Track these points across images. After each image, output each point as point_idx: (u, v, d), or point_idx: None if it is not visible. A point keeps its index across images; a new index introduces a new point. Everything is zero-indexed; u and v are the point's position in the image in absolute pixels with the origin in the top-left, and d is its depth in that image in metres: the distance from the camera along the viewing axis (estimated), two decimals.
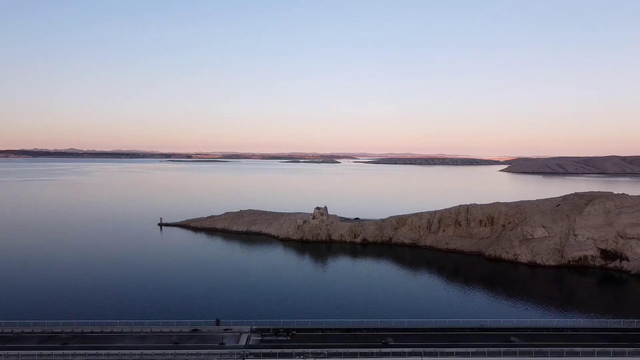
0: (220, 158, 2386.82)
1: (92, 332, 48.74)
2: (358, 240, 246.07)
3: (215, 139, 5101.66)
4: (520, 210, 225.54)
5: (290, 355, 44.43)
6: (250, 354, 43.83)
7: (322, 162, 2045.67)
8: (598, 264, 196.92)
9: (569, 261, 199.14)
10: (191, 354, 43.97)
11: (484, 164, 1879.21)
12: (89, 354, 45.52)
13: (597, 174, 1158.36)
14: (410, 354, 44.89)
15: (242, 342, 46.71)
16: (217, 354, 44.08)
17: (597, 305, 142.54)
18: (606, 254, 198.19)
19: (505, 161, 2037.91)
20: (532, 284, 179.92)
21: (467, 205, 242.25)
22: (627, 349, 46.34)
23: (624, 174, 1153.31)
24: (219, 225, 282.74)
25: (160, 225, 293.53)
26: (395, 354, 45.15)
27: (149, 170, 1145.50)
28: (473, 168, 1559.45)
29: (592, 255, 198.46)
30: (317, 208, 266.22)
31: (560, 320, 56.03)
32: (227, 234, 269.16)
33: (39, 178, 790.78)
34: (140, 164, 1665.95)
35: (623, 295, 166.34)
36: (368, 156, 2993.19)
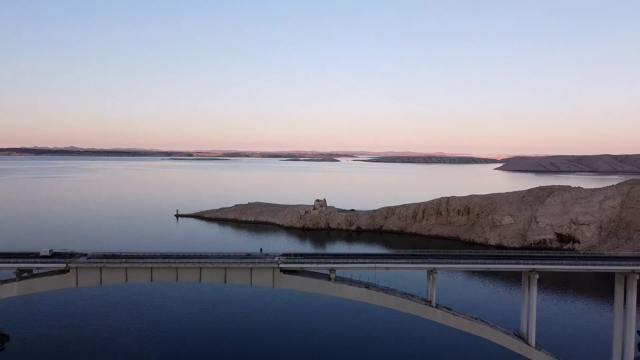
0: (220, 156, 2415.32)
1: (190, 254, 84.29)
2: (353, 228, 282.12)
3: (215, 137, 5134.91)
4: (491, 201, 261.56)
5: (303, 262, 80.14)
6: (281, 261, 79.49)
7: (322, 160, 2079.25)
8: (554, 246, 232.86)
9: (530, 243, 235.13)
10: (250, 261, 79.29)
11: (482, 163, 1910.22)
12: (195, 262, 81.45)
13: (589, 172, 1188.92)
14: (369, 262, 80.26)
15: (276, 258, 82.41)
16: (263, 261, 79.61)
17: (552, 278, 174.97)
18: (561, 238, 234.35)
19: (502, 160, 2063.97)
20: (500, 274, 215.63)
21: (447, 198, 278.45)
22: (488, 260, 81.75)
23: (614, 172, 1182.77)
24: (230, 216, 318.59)
25: (177, 216, 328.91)
26: (361, 262, 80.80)
27: (154, 168, 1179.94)
28: (470, 166, 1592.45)
29: (549, 239, 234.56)
30: (317, 200, 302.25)
31: (463, 251, 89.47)
32: (238, 223, 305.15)
33: (50, 175, 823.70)
34: (142, 162, 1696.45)
35: (576, 275, 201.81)
36: (367, 154, 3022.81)
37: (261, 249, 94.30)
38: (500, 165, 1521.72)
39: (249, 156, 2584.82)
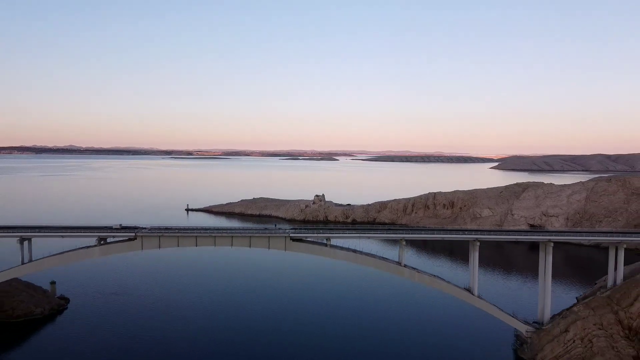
0: (220, 155, 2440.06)
1: (224, 228, 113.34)
2: (349, 220, 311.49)
3: (214, 136, 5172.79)
4: (473, 196, 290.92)
5: (307, 233, 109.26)
6: (291, 232, 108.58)
7: (321, 159, 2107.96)
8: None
9: None
10: (268, 232, 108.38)
11: (479, 162, 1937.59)
12: (228, 232, 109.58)
13: (581, 171, 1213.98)
14: (355, 233, 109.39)
15: (287, 230, 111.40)
16: (277, 232, 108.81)
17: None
18: (533, 228, 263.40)
19: (499, 159, 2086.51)
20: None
21: (434, 193, 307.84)
22: (442, 232, 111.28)
23: (606, 171, 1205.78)
24: (237, 210, 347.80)
25: (187, 210, 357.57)
26: (350, 233, 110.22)
27: (157, 167, 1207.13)
28: (467, 165, 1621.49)
29: (523, 229, 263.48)
30: (317, 195, 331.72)
31: (425, 226, 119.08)
32: (243, 217, 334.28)
33: (57, 174, 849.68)
34: (144, 160, 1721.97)
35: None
36: (366, 154, 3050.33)
37: (275, 224, 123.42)
38: (496, 164, 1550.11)
39: (248, 155, 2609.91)
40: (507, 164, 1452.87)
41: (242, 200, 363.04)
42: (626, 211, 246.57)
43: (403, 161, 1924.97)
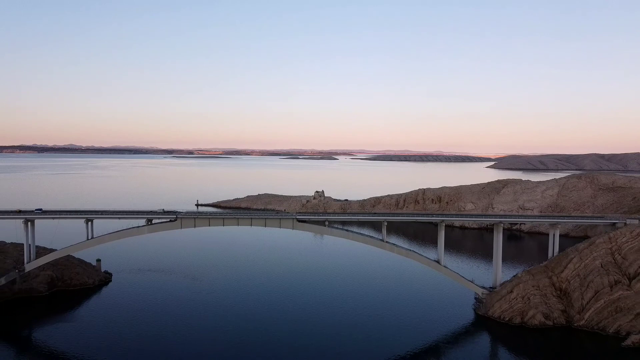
0: (220, 154, 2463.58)
1: (244, 213, 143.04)
2: None
3: (214, 136, 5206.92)
4: (458, 191, 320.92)
5: (309, 216, 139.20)
6: (297, 215, 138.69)
7: (321, 158, 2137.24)
8: (506, 227, 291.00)
9: (487, 225, 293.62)
10: (279, 215, 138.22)
11: (476, 161, 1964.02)
12: (248, 215, 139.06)
13: (575, 170, 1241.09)
14: (348, 217, 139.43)
15: (294, 214, 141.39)
16: (286, 215, 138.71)
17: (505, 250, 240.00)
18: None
19: (496, 158, 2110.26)
20: (463, 241, 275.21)
21: (424, 189, 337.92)
22: (415, 215, 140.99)
23: (600, 170, 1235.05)
24: (243, 205, 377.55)
25: (197, 205, 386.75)
26: (343, 216, 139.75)
27: (161, 166, 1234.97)
28: (464, 165, 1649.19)
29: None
30: (317, 191, 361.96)
31: (403, 211, 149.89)
32: (250, 211, 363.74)
33: (65, 172, 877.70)
34: (147, 159, 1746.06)
35: (521, 244, 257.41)
36: (366, 153, 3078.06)
37: (284, 209, 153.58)
38: (492, 163, 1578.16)
39: (248, 154, 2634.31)
40: (503, 163, 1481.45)
41: (248, 196, 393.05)
42: (593, 205, 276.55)
43: (402, 160, 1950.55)
